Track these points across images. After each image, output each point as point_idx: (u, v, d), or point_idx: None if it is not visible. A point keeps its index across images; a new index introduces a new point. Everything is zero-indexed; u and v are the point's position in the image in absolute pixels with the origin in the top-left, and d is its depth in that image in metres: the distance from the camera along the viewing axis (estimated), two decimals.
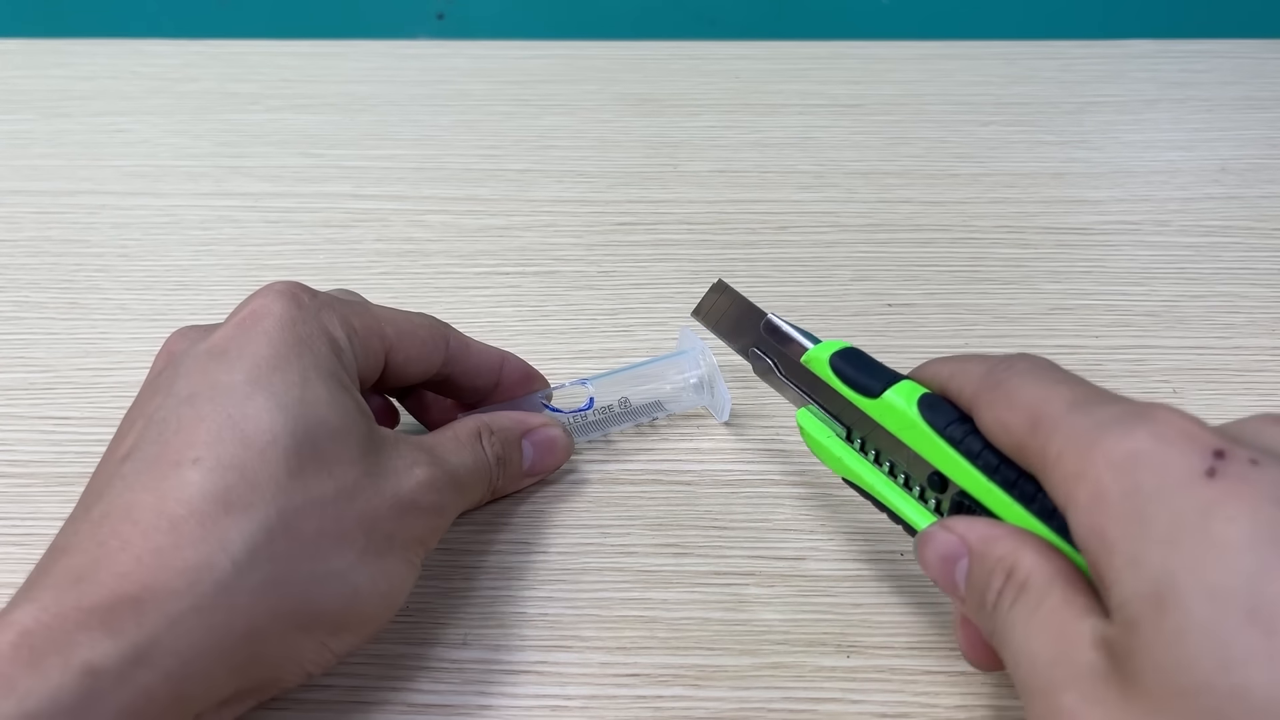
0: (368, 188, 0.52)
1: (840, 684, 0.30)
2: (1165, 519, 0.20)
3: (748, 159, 0.54)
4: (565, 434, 0.36)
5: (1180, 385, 0.40)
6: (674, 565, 0.34)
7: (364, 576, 0.27)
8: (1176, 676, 0.19)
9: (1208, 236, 0.48)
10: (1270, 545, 0.19)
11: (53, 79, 0.61)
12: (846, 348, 0.31)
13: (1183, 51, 0.62)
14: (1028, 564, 0.24)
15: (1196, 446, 0.21)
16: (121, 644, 0.23)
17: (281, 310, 0.29)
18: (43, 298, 0.45)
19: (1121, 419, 0.22)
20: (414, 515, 0.29)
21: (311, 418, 0.27)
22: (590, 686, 0.31)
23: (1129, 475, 0.21)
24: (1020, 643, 0.23)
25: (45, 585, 0.24)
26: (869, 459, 0.30)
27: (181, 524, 0.24)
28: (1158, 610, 0.19)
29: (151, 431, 0.27)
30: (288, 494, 0.26)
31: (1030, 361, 0.26)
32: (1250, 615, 0.18)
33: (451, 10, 0.69)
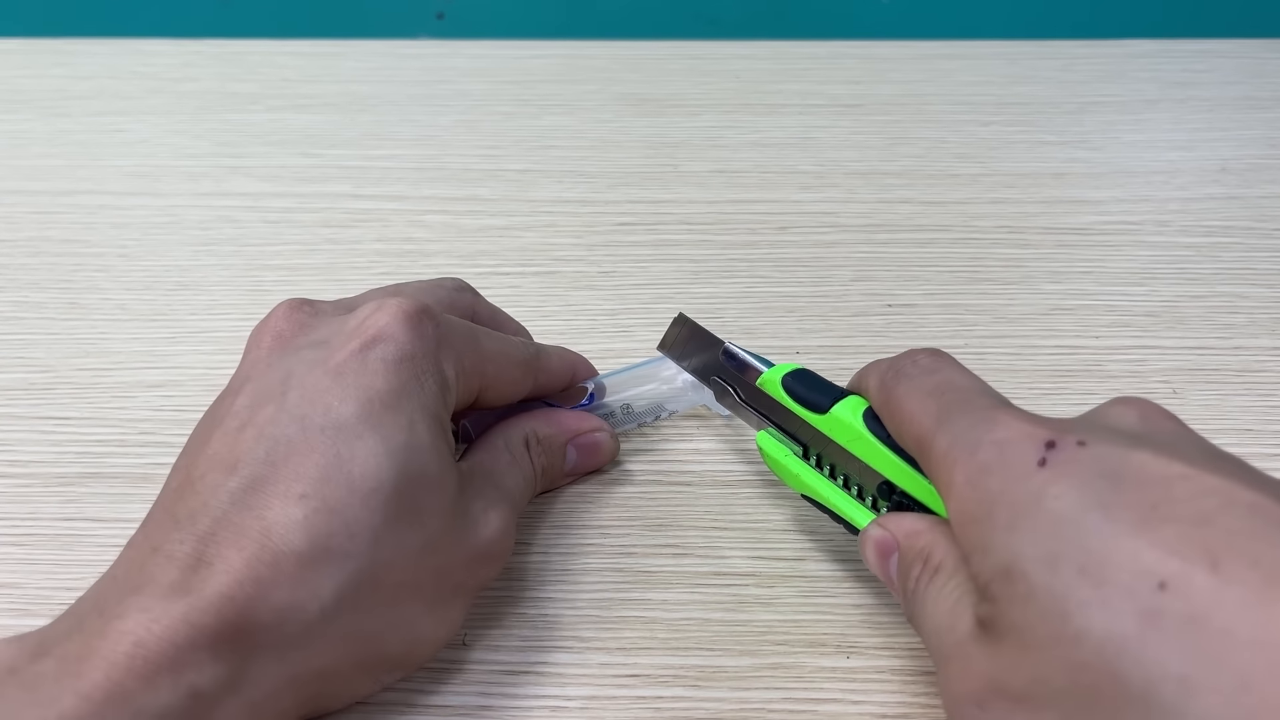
0: (367, 188, 0.52)
1: (840, 684, 0.30)
2: (1007, 511, 0.23)
3: (748, 159, 0.54)
4: (611, 438, 0.36)
5: (1180, 385, 0.40)
6: (674, 566, 0.34)
7: (428, 625, 0.28)
8: (1030, 633, 0.22)
9: (1208, 237, 0.48)
10: (1092, 510, 0.22)
11: (52, 79, 0.61)
12: (798, 369, 0.33)
13: (1183, 51, 0.62)
14: (940, 551, 0.26)
15: (1031, 443, 0.24)
16: (220, 670, 0.23)
17: (404, 339, 0.28)
18: (42, 298, 0.45)
19: (972, 430, 0.25)
20: (483, 565, 0.30)
21: (414, 466, 0.27)
22: (590, 687, 0.30)
23: (979, 485, 0.24)
24: (929, 618, 0.26)
25: (150, 592, 0.24)
26: (824, 474, 0.32)
27: (283, 560, 0.25)
28: (1008, 583, 0.22)
29: (261, 449, 0.26)
30: (380, 546, 0.26)
31: (913, 365, 0.29)
32: (1080, 571, 0.21)
33: (451, 10, 0.69)
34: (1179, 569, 0.20)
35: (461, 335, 0.31)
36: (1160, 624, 0.20)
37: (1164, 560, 0.20)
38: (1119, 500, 0.22)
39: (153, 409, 0.40)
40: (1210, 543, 0.20)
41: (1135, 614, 0.20)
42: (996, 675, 0.23)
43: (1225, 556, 0.20)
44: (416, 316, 0.29)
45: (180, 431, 0.39)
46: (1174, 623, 0.20)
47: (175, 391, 0.41)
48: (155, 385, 0.41)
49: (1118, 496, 0.22)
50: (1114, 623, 0.20)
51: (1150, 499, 0.21)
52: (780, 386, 0.32)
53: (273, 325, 0.31)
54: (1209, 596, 0.20)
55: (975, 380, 0.28)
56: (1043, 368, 0.41)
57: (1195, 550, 0.20)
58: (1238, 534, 0.20)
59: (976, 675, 0.23)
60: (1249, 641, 0.19)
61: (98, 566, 0.34)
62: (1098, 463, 0.23)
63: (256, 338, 0.31)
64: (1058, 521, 0.22)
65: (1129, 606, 0.20)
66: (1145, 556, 0.20)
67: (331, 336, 0.29)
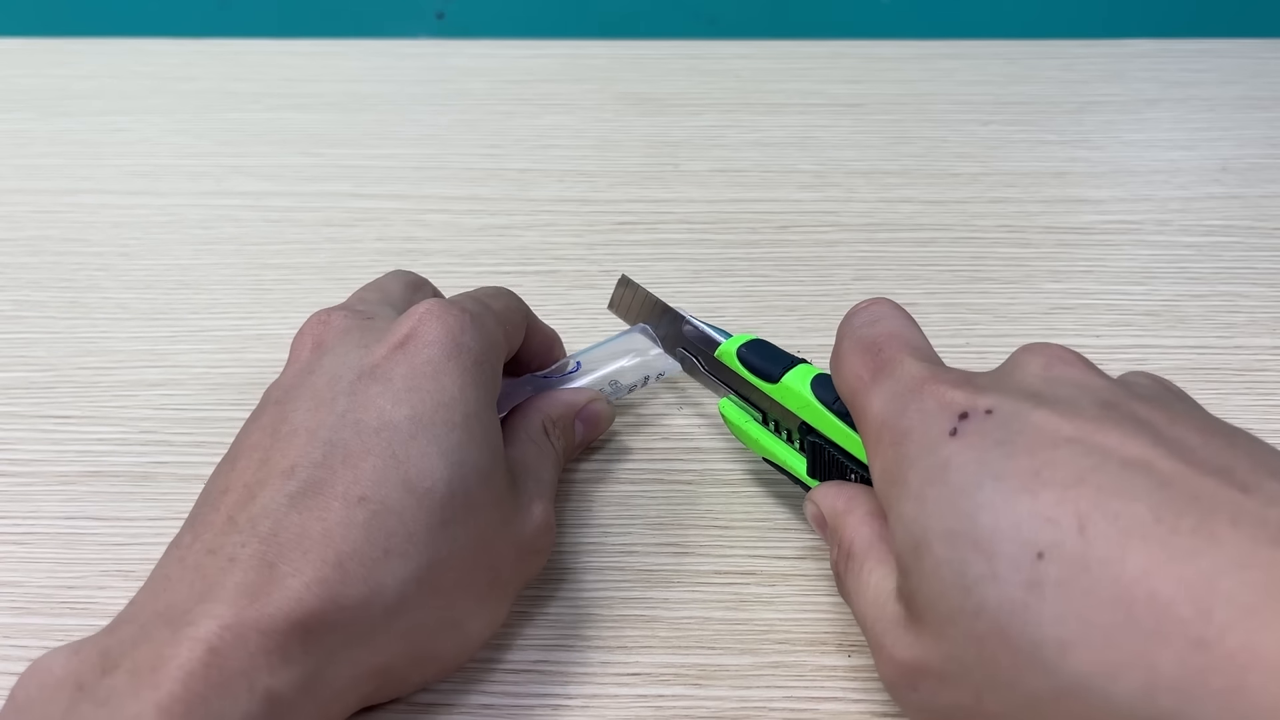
0: (368, 187, 0.52)
1: (841, 683, 0.30)
2: (918, 479, 0.24)
3: (748, 158, 0.54)
4: (607, 405, 0.36)
5: (1181, 384, 0.40)
6: (675, 564, 0.34)
7: (477, 622, 0.29)
8: (939, 607, 0.23)
9: (1209, 236, 0.48)
10: (986, 481, 0.23)
11: (53, 78, 0.61)
12: (753, 340, 0.34)
13: (1184, 51, 0.62)
14: (850, 531, 0.28)
15: (947, 413, 0.25)
16: (295, 672, 0.23)
17: (443, 335, 0.29)
18: (43, 297, 0.45)
19: (900, 397, 0.26)
20: (529, 558, 0.30)
21: (467, 463, 0.27)
22: (591, 685, 0.30)
23: (900, 449, 0.25)
24: (855, 602, 0.27)
25: (220, 598, 0.24)
26: (783, 439, 0.33)
27: (347, 561, 0.25)
28: (917, 556, 0.24)
29: (317, 452, 0.26)
30: (437, 545, 0.26)
31: (856, 315, 0.30)
32: (975, 546, 0.22)
33: (452, 9, 0.69)
34: (1053, 536, 0.21)
35: (496, 323, 0.32)
36: (1040, 591, 0.21)
37: (1041, 529, 0.22)
38: (1009, 469, 0.23)
39: (154, 408, 0.40)
40: (1080, 505, 0.21)
41: (1020, 584, 0.21)
42: (921, 655, 0.24)
43: (1091, 516, 0.21)
44: (450, 312, 0.30)
45: (181, 430, 0.39)
46: (1051, 589, 0.21)
47: (176, 390, 0.41)
48: (156, 384, 0.41)
49: (1009, 464, 0.23)
50: (1004, 594, 0.22)
51: (1035, 465, 0.22)
52: (735, 357, 0.34)
53: (312, 330, 0.31)
54: (1076, 560, 0.21)
55: (911, 332, 0.29)
56: None
57: (1067, 514, 0.21)
58: (1105, 491, 0.21)
59: (905, 658, 0.24)
60: (1108, 599, 0.20)
61: (99, 565, 0.34)
62: (999, 429, 0.24)
63: (298, 344, 0.31)
64: (957, 494, 0.23)
65: (1015, 578, 0.22)
66: (1025, 527, 0.22)
67: (371, 338, 0.30)
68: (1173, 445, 0.22)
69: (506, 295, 0.35)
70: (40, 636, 0.32)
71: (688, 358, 0.37)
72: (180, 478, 0.37)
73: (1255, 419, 0.39)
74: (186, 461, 0.38)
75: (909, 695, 0.25)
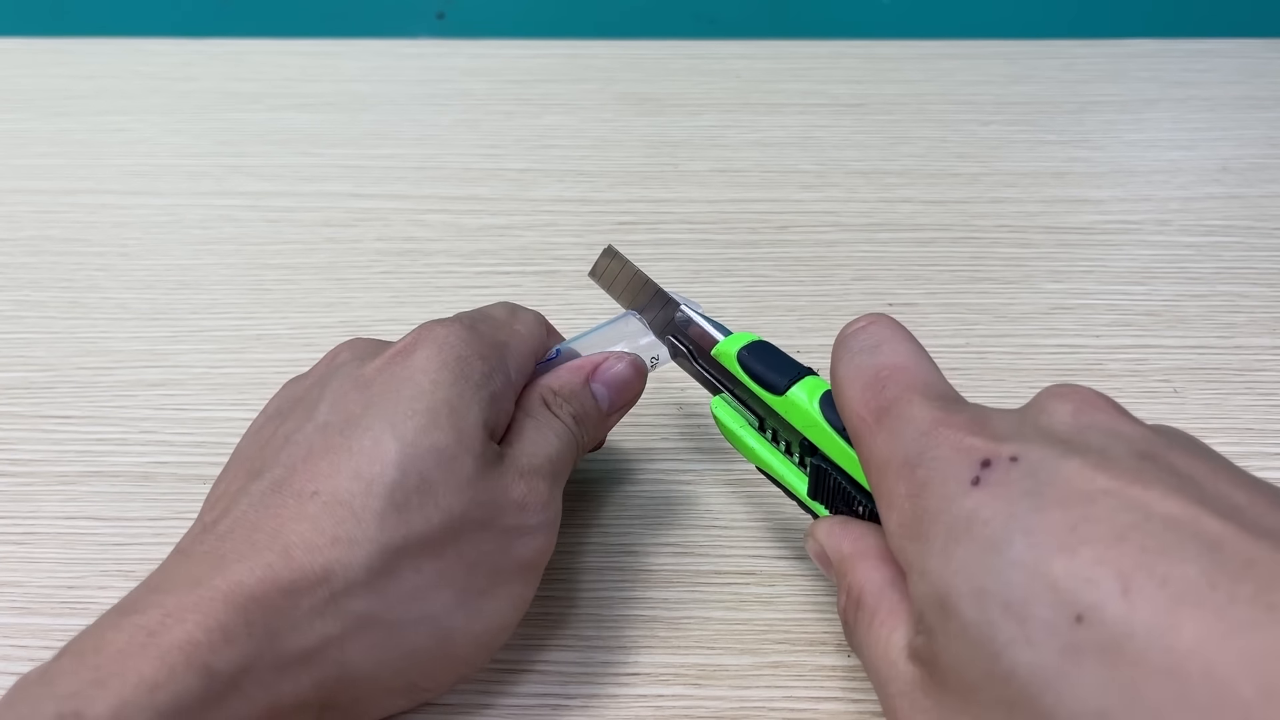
0: (368, 187, 0.52)
1: (841, 683, 0.30)
2: (942, 533, 0.23)
3: (748, 158, 0.54)
4: (631, 361, 0.33)
5: (1181, 385, 0.40)
6: (675, 564, 0.34)
7: (459, 619, 0.27)
8: (966, 672, 0.22)
9: (1209, 236, 0.48)
10: (1016, 536, 0.21)
11: (53, 78, 0.61)
12: (755, 341, 0.31)
13: (1184, 51, 0.62)
14: (860, 578, 0.26)
15: (967, 460, 0.23)
16: (235, 651, 0.23)
17: (428, 345, 0.29)
18: (43, 296, 0.45)
19: (914, 443, 0.24)
20: (518, 543, 0.29)
21: (422, 445, 0.27)
22: (591, 685, 0.30)
23: (918, 501, 0.24)
24: (865, 657, 0.26)
25: (167, 589, 0.24)
26: (780, 449, 0.31)
27: (293, 550, 0.25)
28: (943, 615, 0.22)
29: (284, 454, 0.27)
30: (389, 530, 0.26)
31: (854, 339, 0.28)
32: (1005, 608, 0.21)
33: (451, 9, 0.69)
34: (1093, 598, 0.20)
35: (488, 326, 0.31)
36: (1079, 658, 0.20)
37: (1079, 590, 0.20)
38: (1041, 524, 0.21)
39: (153, 408, 0.40)
40: (1122, 564, 0.20)
41: (1056, 650, 0.20)
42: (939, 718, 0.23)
43: (1135, 577, 0.20)
44: (444, 324, 0.30)
45: (181, 430, 0.39)
46: (1091, 656, 0.20)
47: (176, 390, 0.41)
48: (156, 384, 0.41)
49: (1040, 517, 0.21)
50: (1038, 659, 0.20)
51: (1070, 520, 0.21)
52: (735, 361, 0.31)
53: (332, 352, 0.32)
54: (1121, 625, 0.19)
55: (918, 363, 0.27)
56: (1044, 367, 0.41)
57: (1108, 575, 0.20)
58: (1149, 551, 0.20)
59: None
60: (1158, 669, 0.19)
61: (99, 564, 0.34)
62: (1026, 479, 0.22)
63: (317, 364, 0.32)
64: (986, 549, 0.22)
65: (1051, 643, 0.20)
66: (1063, 587, 0.20)
67: (369, 355, 0.30)
68: (1218, 504, 0.21)
69: (517, 308, 0.34)
70: (40, 636, 0.32)
71: (677, 347, 0.34)
72: (180, 478, 0.37)
73: (1255, 419, 0.39)
74: (186, 461, 0.38)
75: None
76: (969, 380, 0.40)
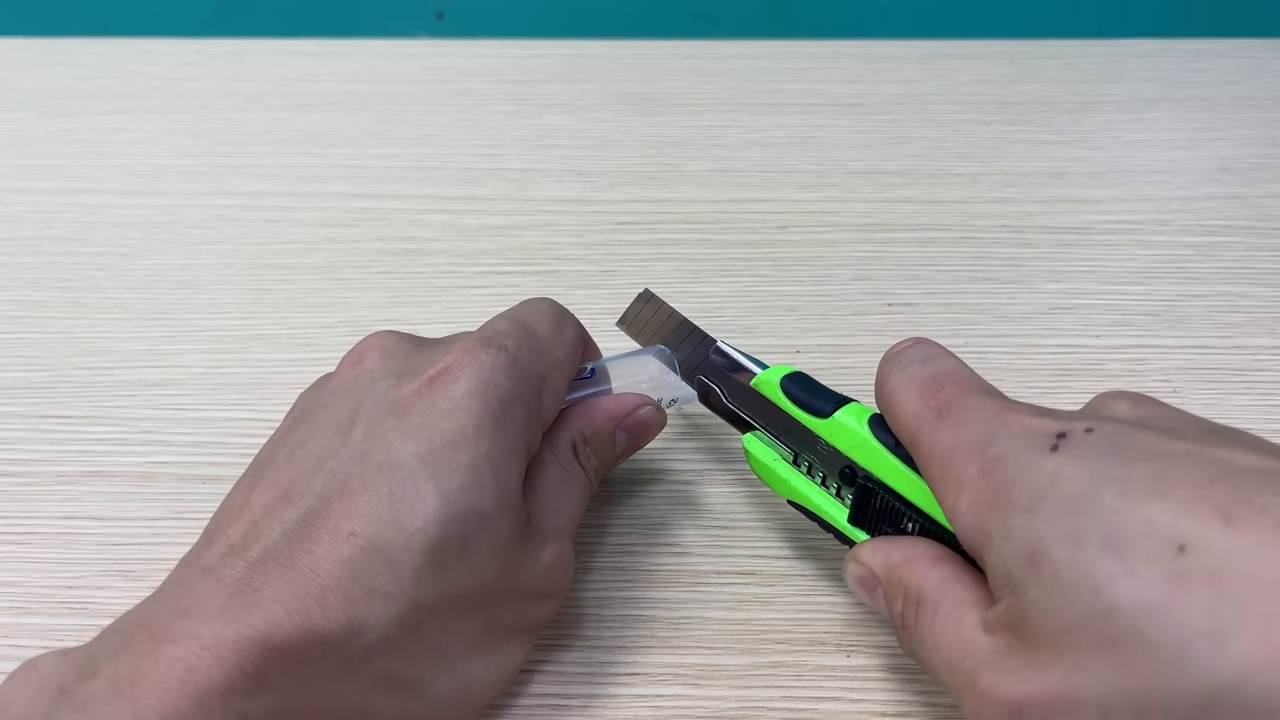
0: (368, 186, 0.52)
1: (841, 683, 0.30)
2: (1025, 495, 0.23)
3: (748, 158, 0.54)
4: (656, 410, 0.33)
5: (1180, 385, 0.40)
6: (674, 564, 0.34)
7: (477, 669, 0.28)
8: (1062, 616, 0.21)
9: (1208, 236, 0.48)
10: (1105, 486, 0.22)
11: (53, 78, 0.61)
12: (794, 372, 0.32)
13: (1184, 51, 0.62)
14: (918, 578, 0.26)
15: (1041, 435, 0.24)
16: (269, 700, 0.23)
17: (469, 376, 0.28)
18: (43, 296, 0.45)
19: (984, 426, 0.25)
20: (538, 605, 0.29)
21: (465, 505, 0.26)
22: (591, 685, 0.30)
23: (994, 475, 0.24)
24: (931, 653, 0.25)
25: (201, 616, 0.24)
26: (816, 482, 0.31)
27: (329, 595, 0.24)
28: (1034, 567, 0.22)
29: (318, 482, 0.26)
30: (425, 588, 0.25)
31: (904, 354, 0.29)
32: (1103, 545, 0.21)
33: (451, 9, 0.69)
34: (1195, 529, 0.20)
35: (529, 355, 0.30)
36: (1186, 584, 0.20)
37: (1179, 523, 0.21)
38: (1130, 474, 0.22)
39: (153, 408, 0.40)
40: (1220, 500, 0.21)
41: (1161, 579, 0.20)
42: (1031, 681, 0.22)
43: (1235, 510, 0.20)
44: (486, 351, 0.28)
45: (180, 430, 0.39)
46: (1198, 581, 0.20)
47: (175, 390, 0.41)
48: (155, 384, 0.41)
49: (1128, 470, 0.22)
50: (1142, 591, 0.20)
51: (1158, 469, 0.22)
52: (779, 389, 0.31)
53: (359, 350, 0.31)
54: (1226, 549, 0.20)
55: (970, 371, 0.28)
56: (1043, 367, 0.41)
57: (1207, 509, 0.21)
58: (1244, 488, 0.21)
59: (1009, 690, 0.22)
60: (1269, 583, 0.19)
61: (98, 564, 0.34)
62: (1105, 443, 0.23)
63: (348, 357, 0.31)
64: (1075, 500, 0.22)
65: (1155, 573, 0.20)
66: (1161, 522, 0.21)
67: (406, 371, 0.29)
68: None
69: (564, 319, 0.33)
70: (40, 636, 0.32)
71: (709, 387, 0.34)
72: (180, 478, 0.37)
73: (1255, 419, 0.39)
74: (186, 461, 0.38)
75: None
76: None
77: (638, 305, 0.36)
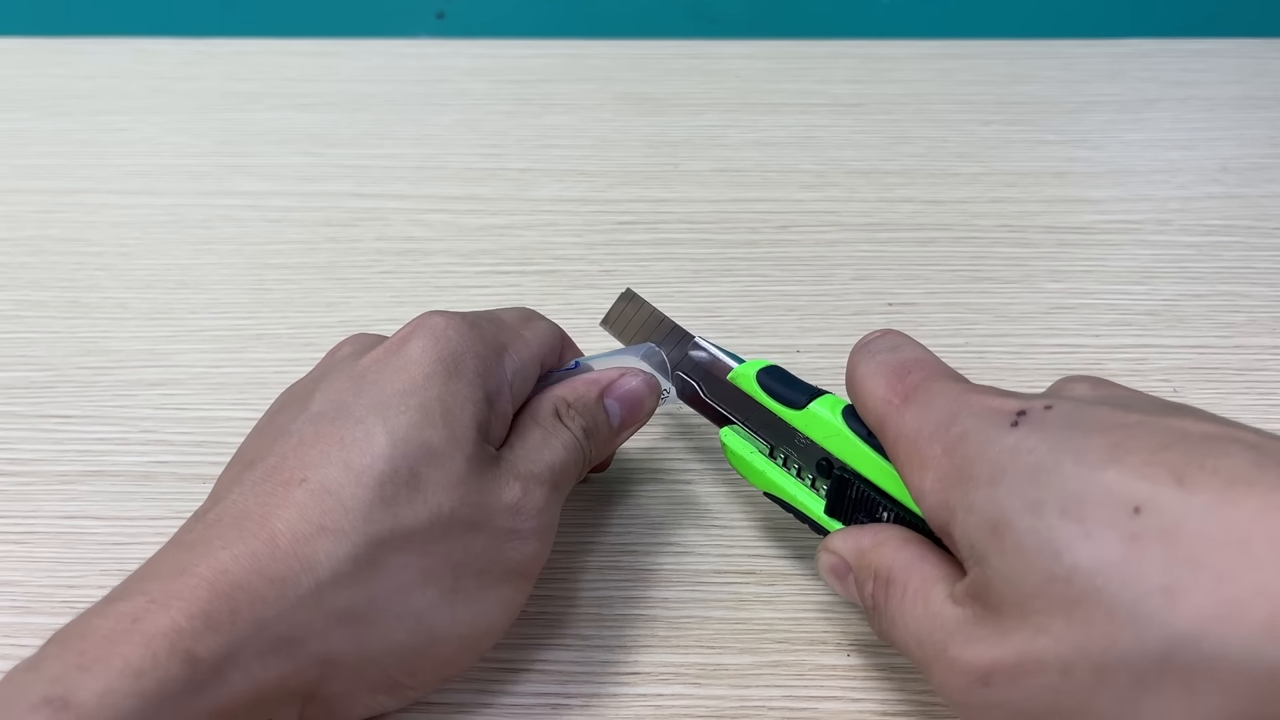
0: (368, 186, 0.52)
1: (841, 682, 0.30)
2: (987, 469, 0.24)
3: (749, 158, 0.54)
4: (646, 379, 0.33)
5: (1181, 384, 0.40)
6: (674, 564, 0.34)
7: (444, 619, 0.27)
8: (1024, 582, 0.22)
9: (1209, 236, 0.48)
10: (1064, 455, 0.23)
11: (53, 78, 0.61)
12: (770, 365, 0.32)
13: (1184, 51, 0.62)
14: (887, 559, 0.27)
15: (1002, 413, 0.25)
16: (219, 639, 0.24)
17: (424, 336, 0.29)
18: (43, 296, 0.45)
19: (947, 407, 0.26)
20: (509, 546, 0.28)
21: (414, 441, 0.27)
22: (591, 685, 0.31)
23: (958, 451, 0.25)
24: (901, 630, 0.26)
25: (155, 576, 0.25)
26: (791, 474, 0.31)
27: (279, 537, 0.25)
28: (996, 537, 0.23)
29: (278, 445, 0.27)
30: (376, 522, 0.26)
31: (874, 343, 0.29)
32: (1062, 512, 0.22)
33: (452, 9, 0.69)
34: (1149, 491, 0.21)
35: (490, 325, 0.31)
36: (1140, 544, 0.21)
37: (1134, 486, 0.21)
38: (1087, 444, 0.23)
39: (153, 407, 0.40)
40: (1173, 463, 0.21)
41: (1117, 540, 0.21)
42: (996, 646, 0.23)
43: (1187, 471, 0.21)
44: (444, 316, 0.30)
45: (181, 430, 0.39)
46: (1153, 540, 0.21)
47: (176, 390, 0.41)
48: (156, 384, 0.41)
49: (1085, 441, 0.23)
50: (1099, 552, 0.21)
51: (1114, 439, 0.23)
52: (755, 382, 0.32)
53: (335, 346, 0.32)
54: (1179, 508, 0.21)
55: (935, 358, 0.29)
56: (1044, 366, 0.41)
57: (1161, 472, 0.21)
58: (1196, 452, 0.22)
59: (974, 656, 0.23)
60: (1220, 540, 0.20)
61: (99, 564, 0.34)
62: (1064, 418, 0.24)
63: (322, 360, 0.32)
64: (1034, 471, 0.23)
65: (1111, 535, 0.21)
66: (1117, 487, 0.22)
67: (369, 348, 0.30)
68: (1243, 427, 0.23)
69: (535, 316, 0.34)
70: (40, 636, 0.32)
71: (687, 383, 0.34)
72: (180, 477, 0.37)
73: (1255, 419, 0.38)
74: (186, 461, 0.38)
75: (980, 693, 0.23)
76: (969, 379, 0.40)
77: (620, 305, 0.36)
